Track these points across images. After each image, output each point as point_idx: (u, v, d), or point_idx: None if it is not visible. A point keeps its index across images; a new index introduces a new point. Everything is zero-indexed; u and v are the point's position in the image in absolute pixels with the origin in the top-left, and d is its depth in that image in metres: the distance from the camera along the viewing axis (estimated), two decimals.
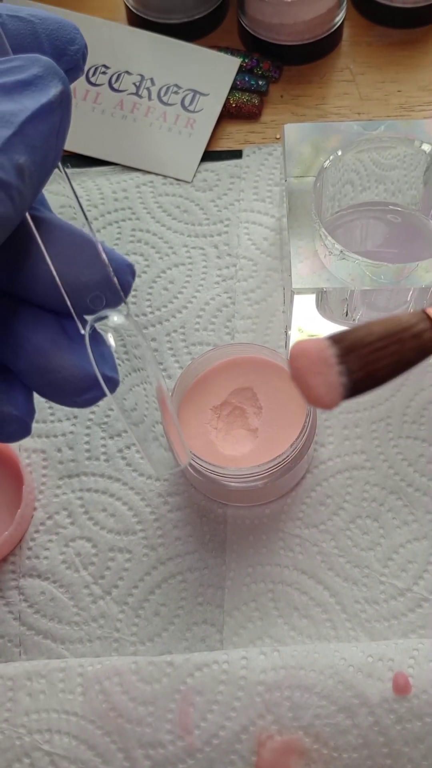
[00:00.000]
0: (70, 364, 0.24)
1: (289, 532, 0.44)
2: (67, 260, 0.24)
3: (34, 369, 0.24)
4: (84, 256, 0.24)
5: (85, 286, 0.24)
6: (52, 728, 0.38)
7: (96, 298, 0.24)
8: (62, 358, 0.24)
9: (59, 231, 0.24)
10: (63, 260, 0.24)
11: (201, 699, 0.38)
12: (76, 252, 0.24)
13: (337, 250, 0.40)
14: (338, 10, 0.59)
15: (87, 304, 0.24)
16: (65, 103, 0.22)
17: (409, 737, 0.37)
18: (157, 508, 0.45)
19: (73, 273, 0.24)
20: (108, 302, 0.24)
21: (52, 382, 0.24)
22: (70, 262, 0.24)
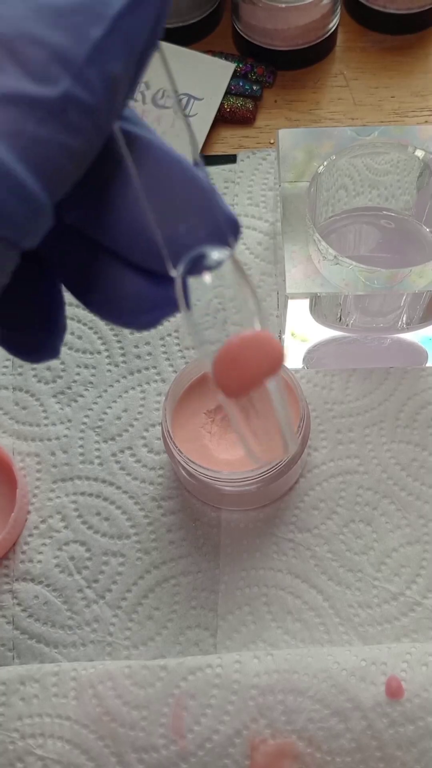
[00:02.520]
0: (129, 282, 0.20)
1: (283, 537, 0.44)
2: (164, 192, 0.18)
3: (84, 282, 0.20)
4: (188, 192, 0.19)
5: (179, 222, 0.18)
6: (45, 733, 0.38)
7: (192, 229, 0.18)
8: (120, 273, 0.20)
9: (160, 158, 0.19)
10: (158, 192, 0.18)
11: (194, 703, 0.38)
12: (177, 185, 0.19)
13: (330, 255, 0.40)
14: (332, 16, 0.59)
15: (180, 236, 0.18)
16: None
17: (402, 741, 0.37)
18: (151, 512, 0.45)
19: (169, 207, 0.18)
20: (207, 238, 0.19)
21: (107, 300, 0.20)
22: (169, 195, 0.18)
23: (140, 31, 0.16)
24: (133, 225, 0.19)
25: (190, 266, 0.19)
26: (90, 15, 0.15)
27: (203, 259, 0.19)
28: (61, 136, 0.15)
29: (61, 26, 0.15)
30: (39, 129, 0.15)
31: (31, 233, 0.16)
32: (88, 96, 0.15)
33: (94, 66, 0.15)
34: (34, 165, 0.15)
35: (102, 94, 0.15)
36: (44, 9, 0.15)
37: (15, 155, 0.15)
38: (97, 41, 0.15)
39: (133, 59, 0.16)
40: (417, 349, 0.48)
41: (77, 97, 0.15)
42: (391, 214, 0.47)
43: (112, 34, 0.15)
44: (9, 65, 0.15)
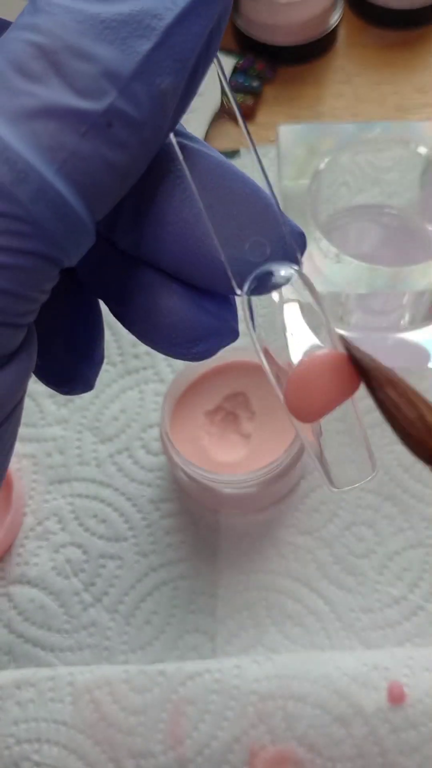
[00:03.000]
0: (180, 308, 0.19)
1: (283, 540, 0.43)
2: (224, 206, 0.18)
3: (133, 310, 0.19)
4: (249, 205, 0.18)
5: (244, 238, 0.18)
6: (42, 738, 0.38)
7: (257, 246, 0.18)
8: (170, 300, 0.19)
9: (215, 169, 0.18)
10: (218, 205, 0.18)
11: (193, 709, 0.38)
12: (237, 199, 0.18)
13: (332, 253, 0.40)
14: (334, 11, 0.58)
15: (244, 252, 0.18)
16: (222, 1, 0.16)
17: (405, 747, 0.37)
18: (149, 515, 0.44)
19: (230, 222, 0.18)
20: (273, 255, 0.18)
21: (155, 329, 0.19)
22: (229, 209, 0.18)
23: (192, 44, 0.15)
24: (192, 245, 0.18)
25: (255, 285, 0.18)
26: (138, 27, 0.15)
27: (270, 277, 0.18)
28: (105, 152, 0.15)
29: (108, 39, 0.14)
30: (81, 144, 0.15)
31: (71, 251, 0.16)
32: (135, 111, 0.15)
33: (141, 80, 0.15)
34: (75, 181, 0.15)
35: (149, 110, 0.15)
36: (90, 21, 0.14)
37: (55, 170, 0.14)
38: (145, 55, 0.15)
39: (184, 73, 0.16)
40: (420, 349, 0.47)
41: (123, 112, 0.15)
42: (393, 212, 0.46)
43: (161, 47, 0.15)
44: (52, 78, 0.14)
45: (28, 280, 0.15)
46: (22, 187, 0.14)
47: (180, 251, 0.18)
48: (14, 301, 0.15)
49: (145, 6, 0.15)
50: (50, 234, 0.15)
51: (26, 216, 0.14)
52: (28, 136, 0.14)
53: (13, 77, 0.14)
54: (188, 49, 0.15)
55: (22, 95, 0.14)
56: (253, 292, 0.18)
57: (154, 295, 0.19)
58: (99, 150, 0.15)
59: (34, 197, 0.14)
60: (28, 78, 0.14)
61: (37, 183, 0.14)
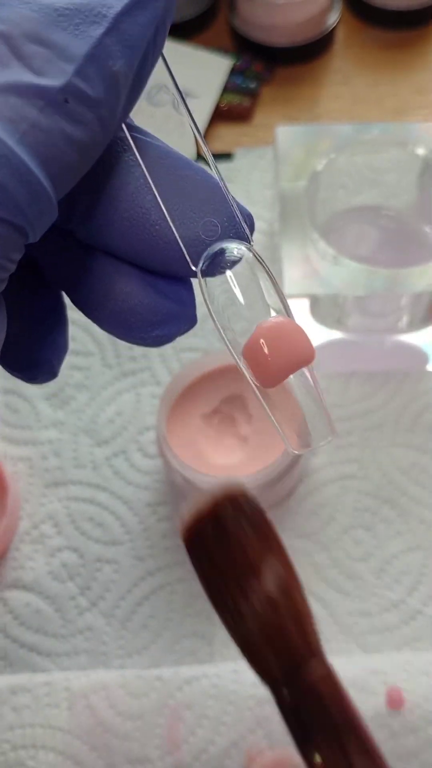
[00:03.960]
0: (137, 293, 0.20)
1: None
2: (176, 191, 0.19)
3: (92, 296, 0.20)
4: (199, 189, 0.19)
5: (197, 219, 0.19)
6: (37, 744, 0.38)
7: (209, 226, 0.19)
8: (130, 285, 0.20)
9: (165, 158, 0.19)
10: (170, 191, 0.19)
11: (190, 713, 0.37)
12: (188, 184, 0.19)
13: (329, 255, 0.39)
14: (331, 12, 0.58)
15: (197, 232, 0.19)
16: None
17: (403, 752, 0.37)
18: (146, 518, 0.44)
19: (183, 205, 0.19)
20: (223, 233, 0.19)
21: (114, 314, 0.20)
22: (181, 193, 0.19)
23: (140, 33, 0.17)
24: (147, 229, 0.19)
25: (209, 262, 0.19)
26: (90, 15, 0.16)
27: (223, 254, 0.19)
28: (64, 126, 0.16)
29: (62, 26, 0.16)
30: (41, 117, 0.16)
31: (35, 221, 0.16)
32: (90, 89, 0.16)
33: (94, 62, 0.16)
34: (37, 151, 0.16)
35: (103, 89, 0.16)
36: (46, 10, 0.16)
37: (17, 139, 0.16)
38: (97, 39, 0.16)
39: (134, 59, 0.17)
40: (417, 351, 0.47)
41: (79, 89, 0.16)
42: (391, 214, 0.46)
43: (111, 33, 0.16)
44: (12, 60, 0.16)
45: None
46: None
47: (136, 236, 0.19)
48: None
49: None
50: (15, 201, 0.16)
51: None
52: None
53: None
54: (137, 37, 0.17)
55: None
56: (208, 268, 0.19)
57: (111, 281, 0.20)
58: (57, 124, 0.16)
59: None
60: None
61: (0, 151, 0.15)
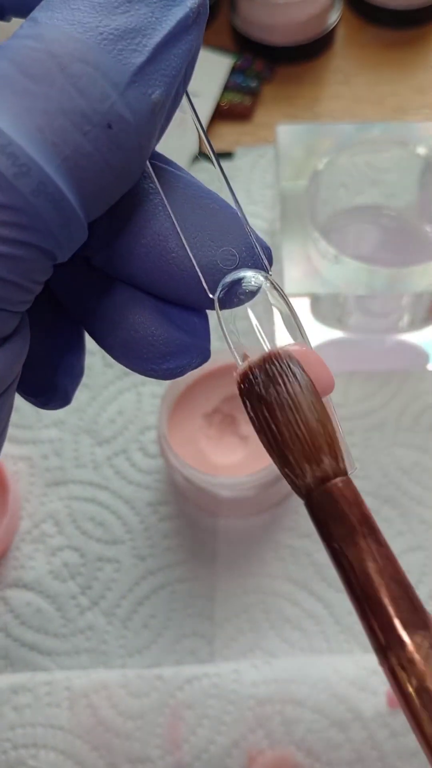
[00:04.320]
0: (150, 322, 0.19)
1: (281, 543, 0.43)
2: (194, 219, 0.19)
3: (104, 325, 0.20)
4: (218, 218, 0.19)
5: (216, 248, 0.19)
6: (38, 743, 0.38)
7: (227, 255, 0.19)
8: (143, 314, 0.19)
9: (185, 186, 0.19)
10: (189, 219, 0.19)
11: (191, 713, 0.38)
12: (207, 213, 0.19)
13: (330, 255, 0.39)
14: (332, 11, 0.58)
15: (215, 261, 0.19)
16: (201, 19, 0.17)
17: (403, 752, 0.37)
18: (147, 518, 0.44)
19: (201, 234, 0.19)
20: (242, 263, 0.19)
21: (126, 343, 0.19)
22: (199, 222, 0.19)
23: (176, 64, 0.17)
24: (165, 257, 0.19)
25: (226, 290, 0.19)
26: (131, 43, 0.16)
27: (240, 283, 0.19)
28: (105, 152, 0.16)
29: (107, 50, 0.16)
30: (84, 142, 0.16)
31: (65, 245, 0.16)
32: (131, 116, 0.16)
33: (136, 89, 0.16)
34: (74, 177, 0.16)
35: (144, 116, 0.16)
36: (91, 32, 0.16)
37: (56, 165, 0.15)
38: (138, 66, 0.16)
39: (170, 89, 0.17)
40: (418, 351, 0.47)
41: (121, 116, 0.16)
42: (392, 213, 0.46)
43: (151, 62, 0.16)
44: (58, 79, 0.15)
45: (25, 270, 0.16)
46: (24, 180, 0.15)
47: (153, 263, 0.19)
48: (11, 289, 0.16)
49: (136, 23, 0.16)
50: (48, 227, 0.16)
51: (26, 208, 0.15)
52: (32, 133, 0.15)
53: (18, 78, 0.15)
54: (173, 67, 0.17)
55: (28, 95, 0.15)
56: (225, 297, 0.19)
57: (125, 310, 0.19)
58: (99, 149, 0.16)
59: (35, 190, 0.15)
60: (32, 79, 0.15)
61: (38, 177, 0.15)
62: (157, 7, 0.16)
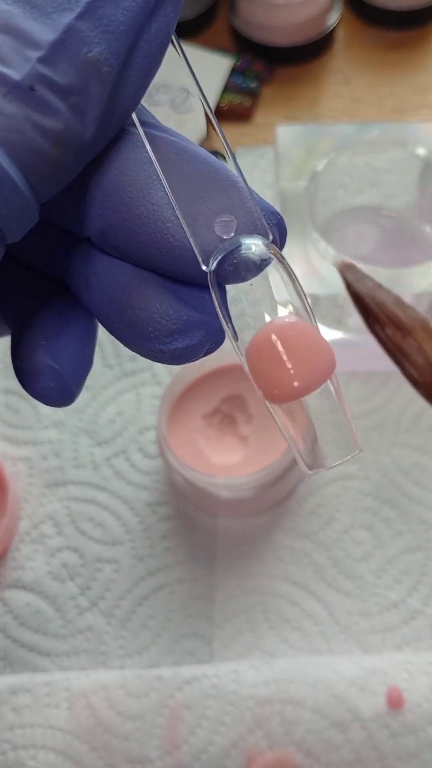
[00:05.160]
0: (157, 300, 0.18)
1: (281, 543, 0.43)
2: (190, 187, 0.18)
3: (110, 303, 0.19)
4: (215, 186, 0.18)
5: (212, 216, 0.18)
6: (37, 744, 0.38)
7: (225, 224, 0.18)
8: (147, 292, 0.18)
9: (181, 153, 0.18)
10: (184, 187, 0.18)
11: (190, 714, 0.37)
12: (204, 180, 0.18)
13: (330, 255, 0.39)
14: (332, 12, 0.58)
15: (213, 232, 0.18)
16: None
17: (403, 752, 0.37)
18: (146, 518, 0.44)
19: (197, 202, 0.17)
20: (240, 229, 0.18)
21: (133, 322, 0.18)
22: (196, 190, 0.18)
23: (122, 18, 0.16)
24: (160, 228, 0.18)
25: (220, 259, 0.18)
26: (63, 3, 0.16)
27: (238, 251, 0.18)
28: (31, 114, 0.15)
29: (33, 16, 0.16)
30: (4, 104, 0.15)
31: (11, 221, 0.16)
32: (59, 77, 0.15)
33: (65, 48, 0.15)
34: (2, 138, 0.15)
35: (77, 76, 0.16)
36: (20, 2, 0.16)
37: None
38: (67, 24, 0.15)
39: (118, 45, 0.16)
40: None
41: (46, 77, 0.15)
42: (391, 214, 0.46)
43: (84, 18, 0.15)
44: None
45: None
46: None
47: (150, 237, 0.18)
48: None
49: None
50: None
51: None
52: None
53: None
54: (118, 22, 0.16)
55: None
56: (222, 268, 0.18)
57: (129, 288, 0.18)
58: (23, 110, 0.15)
59: None
60: None
61: None
62: None
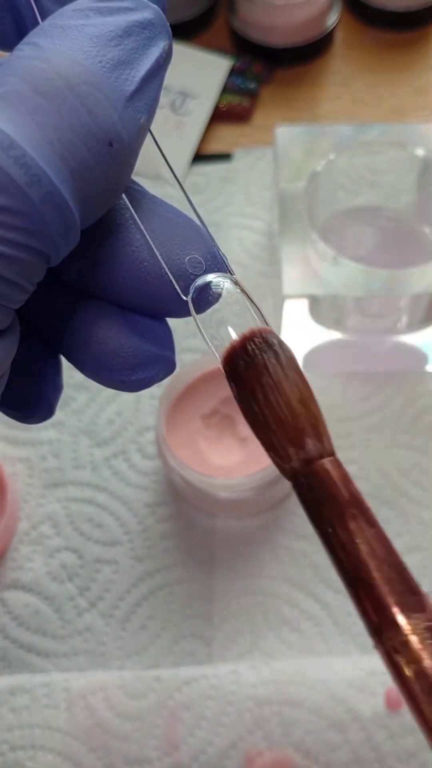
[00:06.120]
0: (119, 335, 0.21)
1: (280, 544, 0.43)
2: (163, 231, 0.20)
3: (74, 340, 0.21)
4: (184, 230, 0.21)
5: (183, 255, 0.20)
6: (36, 744, 0.38)
7: (194, 262, 0.21)
8: (111, 328, 0.21)
9: (153, 204, 0.21)
10: (158, 231, 0.20)
11: (189, 714, 0.37)
12: (174, 225, 0.21)
13: (329, 256, 0.39)
14: (331, 13, 0.58)
15: (185, 267, 0.21)
16: (168, 60, 0.20)
17: (402, 753, 0.37)
18: (145, 519, 0.44)
19: (170, 244, 0.20)
20: (208, 268, 0.21)
21: (97, 356, 0.21)
22: (168, 233, 0.20)
23: (155, 93, 0.19)
24: (138, 265, 0.20)
25: (197, 292, 0.20)
26: (124, 72, 0.18)
27: (209, 285, 0.21)
28: (105, 168, 0.18)
29: (106, 75, 0.18)
30: (89, 157, 0.17)
31: (62, 250, 0.18)
32: (127, 136, 0.18)
33: (129, 113, 0.18)
34: (79, 188, 0.17)
35: (135, 137, 0.18)
36: (93, 58, 0.18)
37: (63, 177, 0.17)
38: (131, 93, 0.18)
39: (152, 116, 0.19)
40: (417, 352, 0.47)
41: (120, 134, 0.18)
42: (390, 215, 0.46)
43: (140, 91, 0.18)
44: (68, 97, 0.17)
45: (25, 271, 0.17)
46: (35, 188, 0.16)
47: (127, 273, 0.20)
48: (10, 288, 0.17)
49: (127, 57, 0.18)
50: (51, 233, 0.17)
51: (34, 215, 0.16)
52: (44, 146, 0.17)
53: (31, 95, 0.17)
54: (153, 98, 0.19)
55: (40, 111, 0.17)
56: (197, 299, 0.20)
57: (96, 326, 0.21)
58: (101, 165, 0.17)
59: (43, 199, 0.16)
60: (44, 96, 0.17)
61: (47, 186, 0.16)
62: (141, 44, 0.18)
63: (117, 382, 0.21)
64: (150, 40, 0.19)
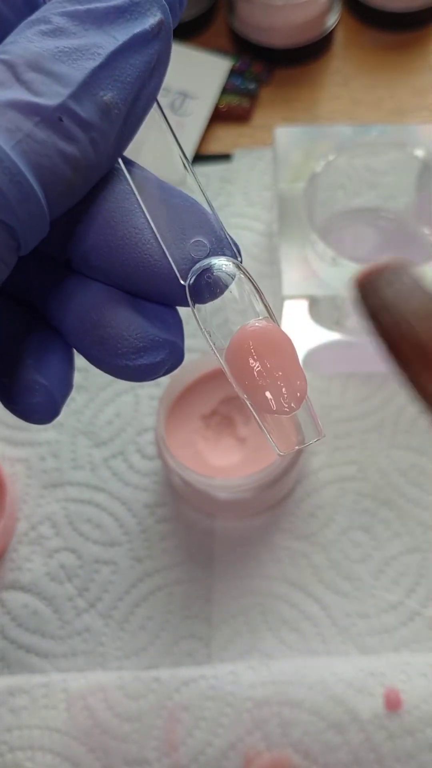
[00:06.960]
0: (125, 318, 0.20)
1: (279, 544, 0.43)
2: (167, 215, 0.20)
3: (81, 324, 0.21)
4: (189, 214, 0.20)
5: (187, 239, 0.20)
6: (35, 745, 0.38)
7: (198, 245, 0.20)
8: (117, 311, 0.20)
9: (158, 188, 0.21)
10: (162, 215, 0.20)
11: (188, 715, 0.37)
12: (179, 210, 0.20)
13: (328, 257, 0.39)
14: (330, 13, 0.58)
15: (187, 251, 0.20)
16: (164, 36, 0.19)
17: (401, 754, 0.37)
18: (144, 519, 0.44)
19: (174, 227, 0.20)
20: (213, 251, 0.20)
21: (102, 339, 0.20)
22: (172, 217, 0.20)
23: (131, 71, 0.19)
24: (139, 249, 0.20)
25: (196, 276, 0.20)
26: (86, 53, 0.18)
27: (211, 269, 0.20)
28: (57, 141, 0.18)
29: (62, 59, 0.18)
30: (36, 130, 0.18)
31: (25, 223, 0.18)
32: (83, 112, 0.18)
33: (87, 89, 0.18)
34: (29, 158, 0.17)
35: (95, 114, 0.18)
36: (48, 47, 0.18)
37: (11, 146, 0.17)
38: (90, 70, 0.18)
39: (126, 94, 0.19)
40: None
41: (72, 111, 0.18)
42: (390, 215, 0.46)
43: (104, 67, 0.18)
44: (14, 84, 0.18)
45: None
46: None
47: (130, 256, 0.20)
48: None
49: (93, 40, 0.19)
50: (6, 199, 0.17)
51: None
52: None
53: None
54: (128, 74, 0.19)
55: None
56: (196, 283, 0.20)
57: (100, 308, 0.20)
58: (51, 138, 0.18)
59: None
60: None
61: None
62: (114, 27, 0.19)
63: (121, 367, 0.20)
64: (130, 21, 0.19)
